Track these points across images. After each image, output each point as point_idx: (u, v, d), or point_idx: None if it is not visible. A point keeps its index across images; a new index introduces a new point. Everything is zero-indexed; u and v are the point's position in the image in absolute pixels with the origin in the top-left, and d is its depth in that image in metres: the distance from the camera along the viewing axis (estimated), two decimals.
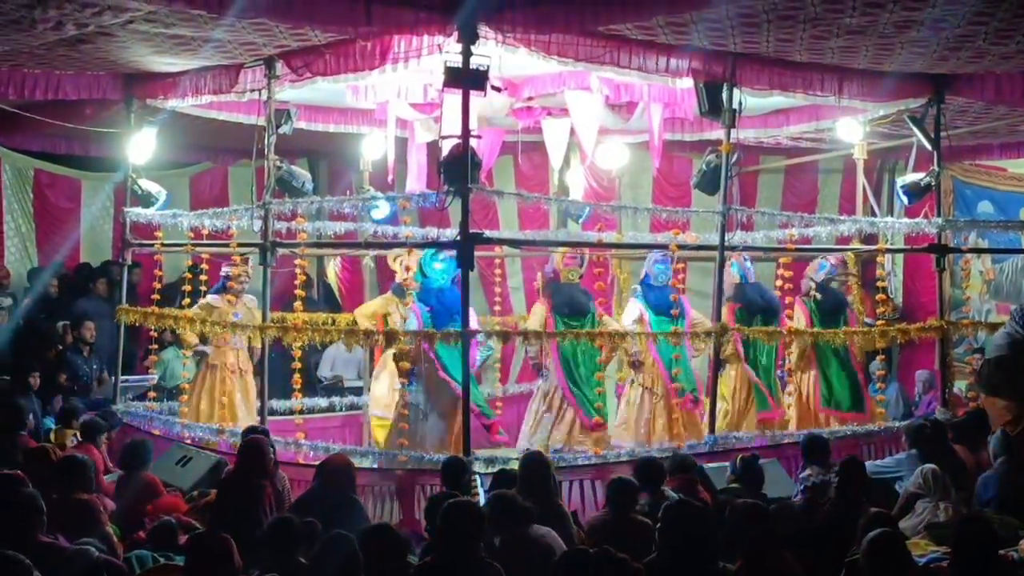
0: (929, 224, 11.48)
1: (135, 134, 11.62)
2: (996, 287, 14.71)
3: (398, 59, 9.34)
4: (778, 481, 9.26)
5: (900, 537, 6.24)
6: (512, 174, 14.85)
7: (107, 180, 14.75)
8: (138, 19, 8.80)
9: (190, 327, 11.20)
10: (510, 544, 6.55)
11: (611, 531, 7.10)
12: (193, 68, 10.67)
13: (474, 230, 9.66)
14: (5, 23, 8.89)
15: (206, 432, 10.78)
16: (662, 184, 14.86)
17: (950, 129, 11.48)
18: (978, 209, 14.71)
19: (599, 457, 10.12)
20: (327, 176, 16.09)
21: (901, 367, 14.47)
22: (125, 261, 12.14)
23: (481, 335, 10.16)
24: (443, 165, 9.49)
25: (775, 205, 14.64)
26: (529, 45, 9.19)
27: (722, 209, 10.52)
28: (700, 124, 12.38)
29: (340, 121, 12.72)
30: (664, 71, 9.72)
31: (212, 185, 16.00)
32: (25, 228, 14.89)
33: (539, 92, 11.17)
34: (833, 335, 11.43)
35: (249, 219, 10.50)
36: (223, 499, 8.14)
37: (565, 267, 11.21)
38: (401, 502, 9.39)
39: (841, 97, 10.54)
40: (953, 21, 8.66)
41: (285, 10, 8.70)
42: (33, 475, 7.36)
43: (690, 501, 6.71)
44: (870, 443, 10.79)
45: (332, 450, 9.65)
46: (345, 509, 7.64)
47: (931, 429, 9.46)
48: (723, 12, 8.63)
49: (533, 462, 7.87)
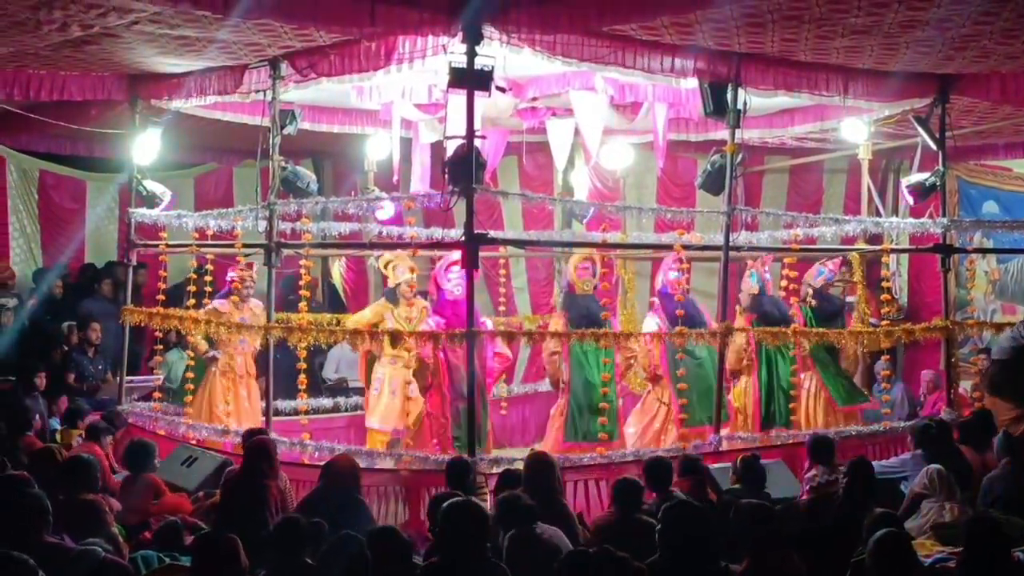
0: (934, 224, 11.48)
1: (140, 135, 11.64)
2: (1001, 287, 14.69)
3: (403, 60, 9.34)
4: (783, 481, 9.25)
5: (906, 537, 6.24)
6: (516, 174, 14.87)
7: (112, 181, 14.80)
8: (143, 20, 8.81)
9: (195, 328, 11.20)
10: (517, 542, 6.55)
11: (617, 531, 7.10)
12: (198, 69, 10.67)
13: (479, 230, 9.65)
14: (10, 25, 8.90)
15: (211, 433, 10.78)
16: (666, 184, 14.86)
17: (955, 129, 11.47)
18: (983, 209, 14.69)
19: (604, 457, 10.10)
20: (332, 177, 16.10)
21: (906, 367, 14.45)
22: (130, 262, 12.15)
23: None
24: (448, 165, 9.49)
25: (780, 205, 14.63)
26: (533, 45, 9.18)
27: (727, 209, 10.52)
28: (705, 124, 12.37)
29: (345, 122, 12.73)
30: (669, 71, 9.71)
31: (217, 186, 16.03)
32: (30, 229, 14.92)
33: (543, 92, 11.17)
34: (837, 335, 11.42)
35: (254, 220, 10.50)
36: (228, 500, 8.14)
37: (579, 278, 11.17)
38: (406, 503, 9.38)
39: (846, 97, 10.53)
40: (958, 21, 8.65)
41: (290, 11, 8.71)
42: (39, 476, 7.35)
43: (690, 502, 6.71)
44: (875, 443, 10.78)
45: (337, 451, 9.65)
46: (350, 510, 7.65)
47: (936, 429, 9.44)
48: (728, 12, 8.62)
49: (538, 462, 7.88)
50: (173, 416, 11.44)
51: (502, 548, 6.54)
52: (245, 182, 14.93)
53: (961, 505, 8.26)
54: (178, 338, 13.08)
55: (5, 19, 8.74)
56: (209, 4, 8.32)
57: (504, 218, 14.60)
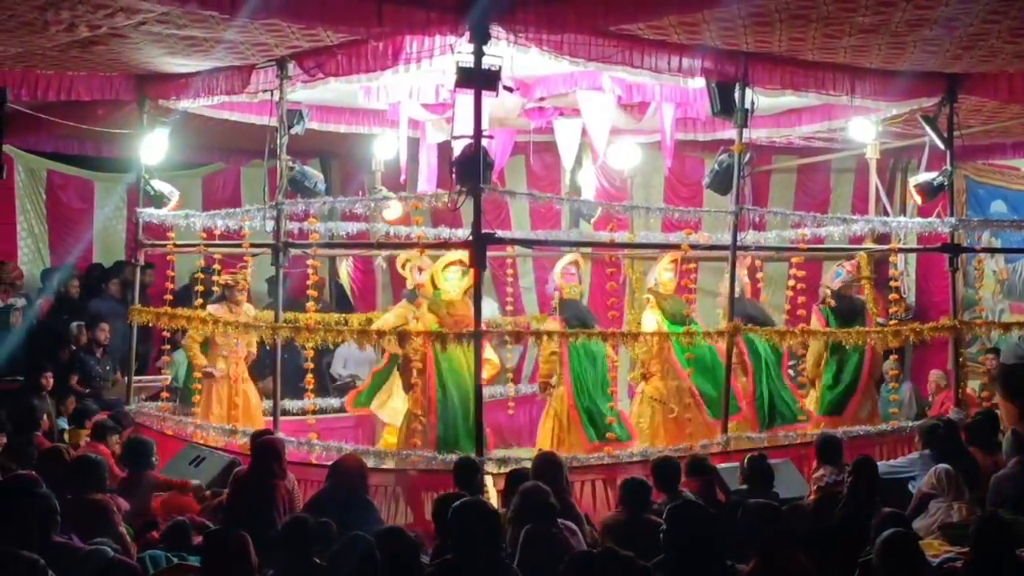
0: (942, 224, 11.44)
1: (147, 135, 11.65)
2: (1010, 287, 14.67)
3: (410, 59, 9.34)
4: (792, 481, 9.24)
5: (914, 537, 6.23)
6: (524, 174, 14.87)
7: (120, 181, 14.80)
8: (150, 20, 8.81)
9: (203, 328, 11.19)
10: (534, 539, 6.51)
11: (625, 531, 7.10)
12: (205, 69, 10.68)
13: (486, 230, 9.66)
14: (18, 25, 8.91)
15: (219, 432, 10.79)
16: (674, 184, 14.85)
17: (963, 128, 11.43)
18: (991, 208, 14.68)
19: (612, 457, 10.10)
20: (339, 176, 16.10)
21: (914, 367, 14.43)
22: (138, 262, 12.17)
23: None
24: (455, 165, 9.49)
25: (787, 205, 14.60)
26: (541, 45, 9.17)
27: (734, 209, 10.51)
28: (712, 124, 12.37)
29: (352, 121, 12.74)
30: (676, 71, 9.69)
31: (224, 185, 16.04)
32: (38, 229, 14.94)
33: (551, 92, 11.16)
34: (845, 335, 11.40)
35: (261, 219, 10.51)
36: (236, 499, 8.15)
37: (566, 283, 11.16)
38: (413, 503, 9.39)
39: (853, 96, 10.51)
40: (966, 19, 8.63)
41: (297, 11, 8.70)
42: (47, 475, 7.36)
43: (695, 502, 6.71)
44: (883, 443, 10.76)
45: (344, 450, 9.66)
46: (358, 510, 7.65)
47: (944, 429, 9.43)
48: (735, 11, 8.61)
49: (545, 462, 7.89)
50: (181, 416, 11.45)
51: (518, 543, 6.48)
52: (253, 182, 14.95)
53: (969, 505, 8.26)
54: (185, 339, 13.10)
55: (13, 20, 8.75)
56: (217, 4, 8.31)
57: (511, 218, 14.59)
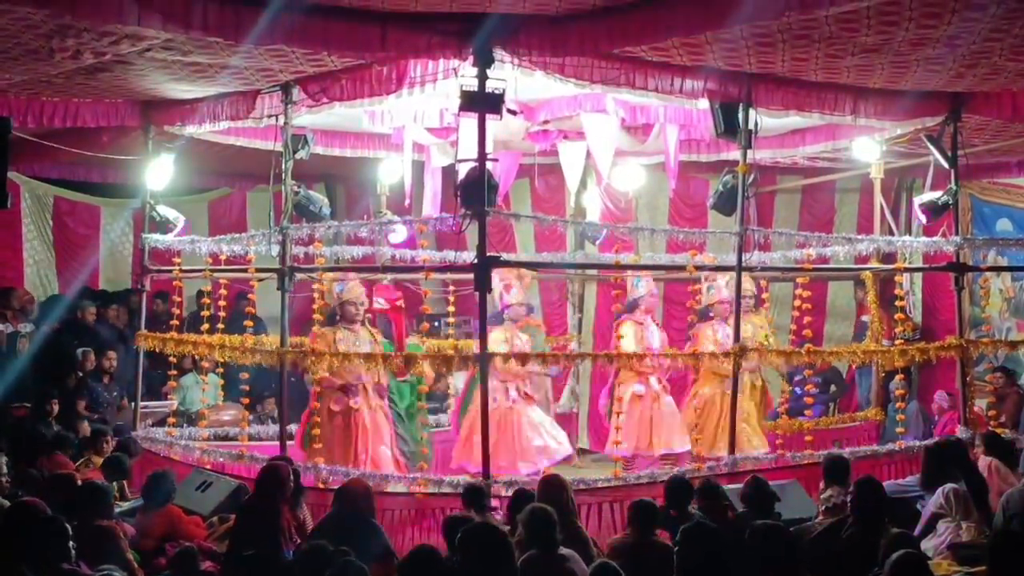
0: (947, 242, 11.45)
1: (153, 161, 11.71)
2: (1016, 305, 14.63)
3: (414, 83, 9.38)
4: (799, 502, 9.20)
5: (923, 558, 6.20)
6: (528, 197, 14.89)
7: (126, 207, 14.88)
8: (155, 47, 8.86)
9: (209, 352, 11.20)
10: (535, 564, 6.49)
11: (633, 552, 7.07)
12: (210, 95, 10.73)
13: (491, 253, 9.67)
14: (24, 53, 8.96)
15: (226, 458, 10.78)
16: (679, 205, 14.88)
17: (967, 147, 11.43)
18: (997, 227, 14.66)
19: (619, 479, 10.09)
20: (344, 200, 16.15)
21: (921, 386, 14.39)
22: (144, 287, 12.19)
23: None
24: (460, 188, 9.51)
25: (792, 225, 14.60)
26: (545, 68, 9.20)
27: (739, 230, 10.51)
28: (716, 145, 12.40)
29: (357, 146, 12.80)
30: (680, 92, 9.71)
31: (230, 210, 16.10)
32: (45, 255, 14.99)
33: (555, 115, 11.18)
34: (851, 354, 11.38)
35: (267, 244, 10.54)
36: (242, 525, 8.13)
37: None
38: (419, 526, 9.38)
39: (857, 116, 10.52)
40: (968, 38, 8.63)
41: (301, 36, 8.74)
42: (54, 501, 7.36)
43: (707, 523, 6.69)
44: (891, 463, 10.73)
45: (351, 474, 9.64)
46: (364, 533, 7.62)
47: (952, 448, 9.39)
48: (738, 32, 8.63)
49: (551, 484, 7.86)
50: (187, 440, 11.43)
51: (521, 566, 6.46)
52: (258, 207, 15.00)
53: (978, 524, 8.22)
54: (193, 363, 13.11)
55: (19, 47, 8.80)
56: (221, 31, 8.35)
57: (516, 240, 14.62)
